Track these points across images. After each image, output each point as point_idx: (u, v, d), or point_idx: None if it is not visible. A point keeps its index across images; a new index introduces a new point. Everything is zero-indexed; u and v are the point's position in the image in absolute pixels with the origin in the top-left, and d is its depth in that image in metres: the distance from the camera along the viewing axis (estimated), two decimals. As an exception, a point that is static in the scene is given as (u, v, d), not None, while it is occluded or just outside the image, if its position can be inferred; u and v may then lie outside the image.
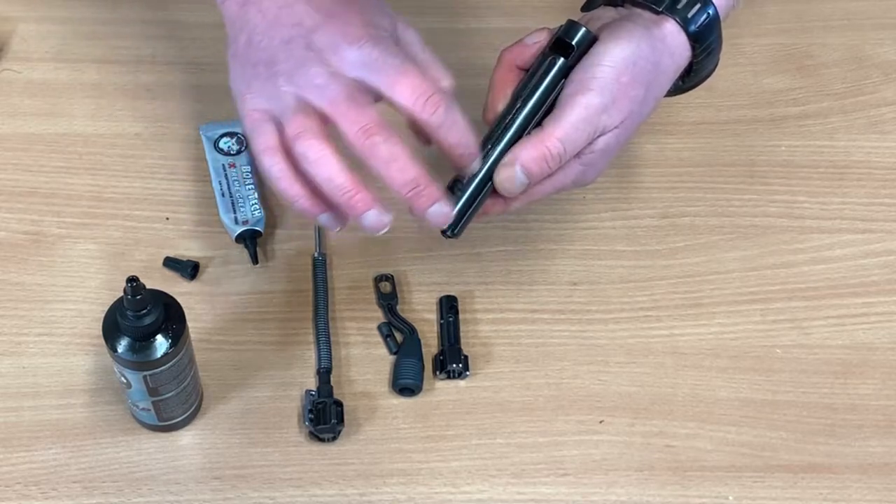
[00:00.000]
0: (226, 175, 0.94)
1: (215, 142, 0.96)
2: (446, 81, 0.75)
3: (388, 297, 0.89)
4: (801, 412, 0.85)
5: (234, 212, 0.92)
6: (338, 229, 0.73)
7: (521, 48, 0.78)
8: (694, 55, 0.80)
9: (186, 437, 0.83)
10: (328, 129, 0.72)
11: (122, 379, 0.77)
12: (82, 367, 0.85)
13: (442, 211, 0.73)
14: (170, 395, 0.78)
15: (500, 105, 0.78)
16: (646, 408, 0.85)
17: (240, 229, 0.91)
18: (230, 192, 0.93)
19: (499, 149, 0.76)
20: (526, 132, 0.76)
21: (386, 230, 0.72)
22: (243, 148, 0.95)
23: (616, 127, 0.77)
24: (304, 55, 0.71)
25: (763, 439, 0.84)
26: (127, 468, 0.81)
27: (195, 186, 0.94)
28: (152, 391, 0.77)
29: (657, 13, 0.78)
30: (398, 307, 0.88)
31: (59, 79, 1.00)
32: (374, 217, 0.71)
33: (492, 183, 0.76)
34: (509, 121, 0.76)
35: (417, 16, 1.05)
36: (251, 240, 0.90)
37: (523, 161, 0.75)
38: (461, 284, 0.90)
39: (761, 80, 1.03)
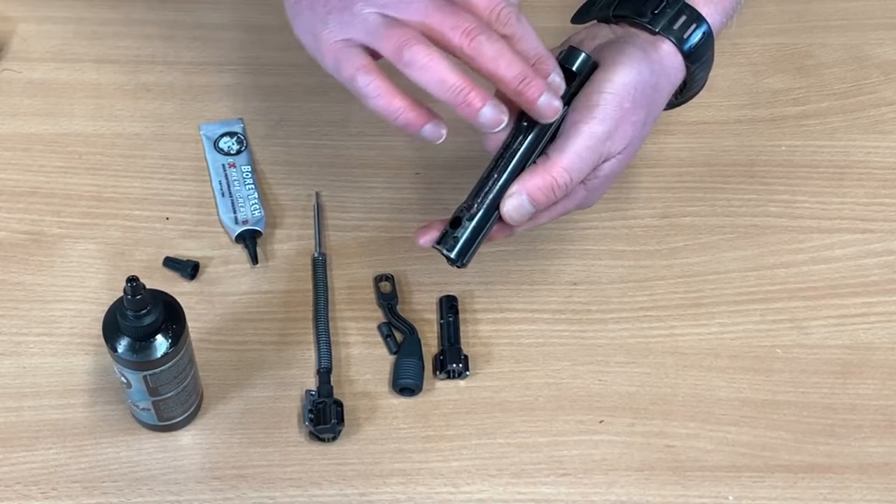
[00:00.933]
0: (226, 175, 0.94)
1: (215, 142, 0.96)
2: None
3: (388, 297, 0.89)
4: (801, 412, 0.85)
5: (234, 212, 0.92)
6: (440, 140, 0.71)
7: None
8: (688, 73, 0.80)
9: (186, 437, 0.83)
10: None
11: (122, 379, 0.77)
12: (82, 367, 0.85)
13: (551, 102, 0.72)
14: (170, 395, 0.78)
15: (501, 135, 0.77)
16: (646, 408, 0.85)
17: (240, 229, 0.91)
18: (230, 192, 0.93)
19: (504, 178, 0.76)
20: (530, 160, 0.76)
21: (501, 128, 0.71)
22: (243, 148, 0.96)
23: (619, 152, 0.77)
24: None
25: (763, 439, 0.84)
26: (127, 468, 0.81)
27: (195, 186, 0.94)
28: (152, 391, 0.77)
29: (653, 34, 0.79)
30: (398, 307, 0.88)
31: (59, 79, 1.00)
32: (491, 111, 0.70)
33: (498, 212, 0.76)
34: (514, 149, 0.76)
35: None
36: (251, 240, 0.90)
37: (530, 191, 0.75)
38: (461, 284, 0.90)
39: (761, 80, 1.03)
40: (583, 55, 0.76)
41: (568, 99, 0.76)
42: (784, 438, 0.84)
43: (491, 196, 0.75)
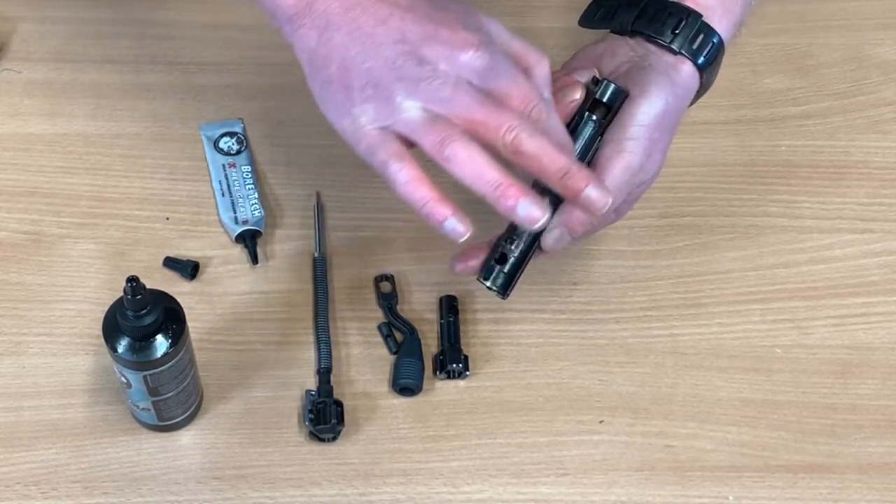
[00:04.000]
0: (226, 175, 0.94)
1: (215, 142, 0.96)
2: (543, 63, 0.75)
3: (388, 297, 0.89)
4: (801, 412, 0.85)
5: (234, 212, 0.92)
6: (462, 239, 0.71)
7: (558, 109, 0.77)
8: (701, 84, 0.81)
9: (186, 437, 0.83)
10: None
11: (122, 379, 0.77)
12: (82, 367, 0.85)
13: (595, 193, 0.72)
14: (170, 395, 0.78)
15: None
16: (646, 408, 0.85)
17: (240, 229, 0.91)
18: (230, 192, 0.93)
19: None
20: None
21: (540, 223, 0.71)
22: (243, 148, 0.96)
23: (651, 178, 0.80)
24: (417, 70, 0.70)
25: (763, 439, 0.84)
26: (127, 468, 0.81)
27: (195, 186, 0.94)
28: (152, 391, 0.77)
29: (675, 54, 0.79)
30: (398, 307, 0.88)
31: (59, 79, 1.00)
32: (527, 207, 0.71)
33: (538, 242, 0.78)
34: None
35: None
36: (251, 240, 0.90)
37: (570, 225, 0.77)
38: (461, 284, 0.90)
39: (761, 80, 1.03)
40: (613, 86, 0.77)
41: (602, 130, 0.77)
42: (784, 438, 0.84)
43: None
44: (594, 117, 0.77)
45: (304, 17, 0.72)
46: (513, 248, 0.78)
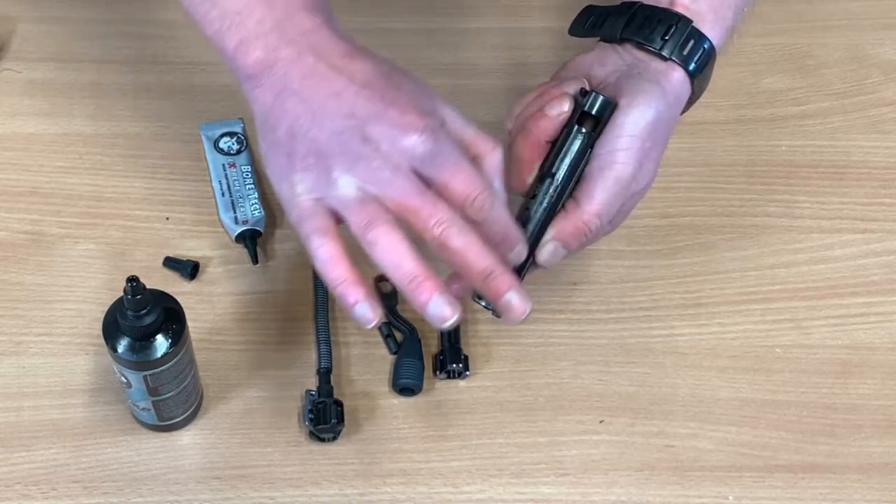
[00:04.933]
0: (226, 175, 0.94)
1: (215, 142, 0.96)
2: (496, 153, 0.74)
3: (388, 297, 0.89)
4: (801, 412, 0.85)
5: (234, 211, 0.92)
6: (370, 325, 0.71)
7: (546, 121, 0.78)
8: (692, 91, 0.81)
9: (186, 437, 0.83)
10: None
11: (122, 379, 0.77)
12: (82, 367, 0.85)
13: (516, 299, 0.73)
14: (170, 395, 0.78)
15: (528, 177, 0.78)
16: (646, 408, 0.85)
17: (240, 229, 0.91)
18: (230, 192, 0.93)
19: (537, 229, 0.78)
20: (560, 206, 0.78)
21: (450, 324, 0.71)
22: (243, 148, 0.96)
23: (644, 188, 0.79)
24: (360, 147, 0.70)
25: (763, 439, 0.84)
26: (127, 468, 0.81)
27: (195, 186, 0.94)
28: (152, 391, 0.77)
29: (664, 60, 0.79)
30: (398, 307, 0.88)
31: (59, 79, 1.00)
32: (439, 305, 0.70)
33: (533, 257, 0.78)
34: (540, 200, 0.77)
35: (417, 16, 1.05)
36: (251, 239, 0.90)
37: (563, 238, 0.77)
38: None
39: (761, 80, 1.03)
40: (602, 98, 0.77)
41: (591, 142, 0.77)
42: (784, 438, 0.84)
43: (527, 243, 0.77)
44: (583, 130, 0.77)
45: (263, 78, 0.72)
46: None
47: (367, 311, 0.71)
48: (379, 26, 1.03)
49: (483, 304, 0.78)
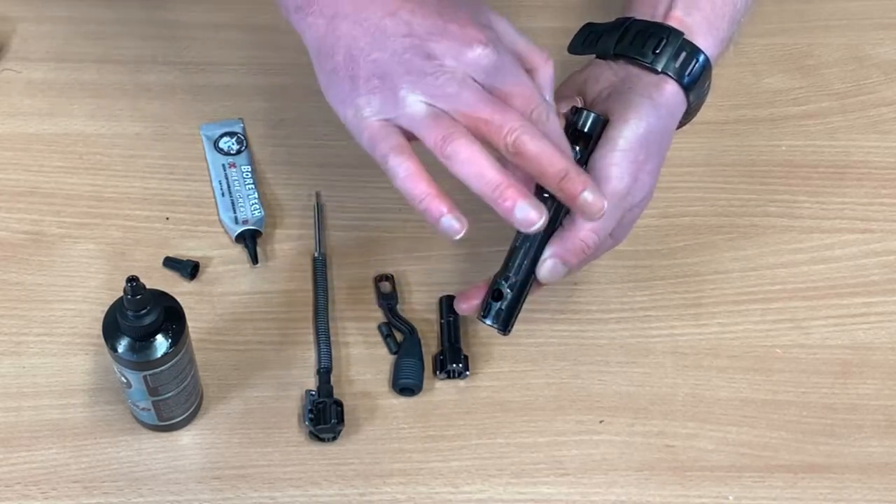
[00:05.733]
0: (226, 175, 0.94)
1: (215, 142, 0.96)
2: (548, 66, 0.75)
3: (388, 297, 0.89)
4: (801, 412, 0.85)
5: (234, 211, 0.92)
6: (457, 236, 0.71)
7: None
8: (689, 104, 0.81)
9: (186, 437, 0.83)
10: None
11: (122, 379, 0.77)
12: (82, 367, 0.85)
13: (593, 198, 0.72)
14: (170, 395, 0.78)
15: None
16: (646, 408, 0.85)
17: (240, 229, 0.91)
18: (230, 192, 0.93)
19: (537, 244, 0.78)
20: (558, 221, 0.78)
21: (535, 228, 0.71)
22: (243, 148, 0.96)
23: (641, 201, 0.79)
24: (424, 64, 0.70)
25: (763, 439, 0.84)
26: (127, 468, 0.81)
27: (195, 186, 0.94)
28: (152, 391, 0.77)
29: (656, 73, 0.79)
30: (398, 307, 0.88)
31: (59, 79, 1.00)
32: (524, 209, 0.70)
33: (535, 276, 0.79)
34: None
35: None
36: (251, 240, 0.90)
37: (563, 256, 0.78)
38: (461, 284, 0.89)
39: (761, 80, 1.03)
40: (593, 116, 0.77)
41: (585, 158, 0.77)
42: (784, 438, 0.84)
43: (526, 263, 0.78)
44: (576, 148, 0.77)
45: (313, 6, 0.72)
46: (507, 284, 0.79)
47: (454, 223, 0.71)
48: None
49: (488, 322, 0.79)
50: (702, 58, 0.80)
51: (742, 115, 1.01)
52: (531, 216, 0.70)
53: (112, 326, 0.74)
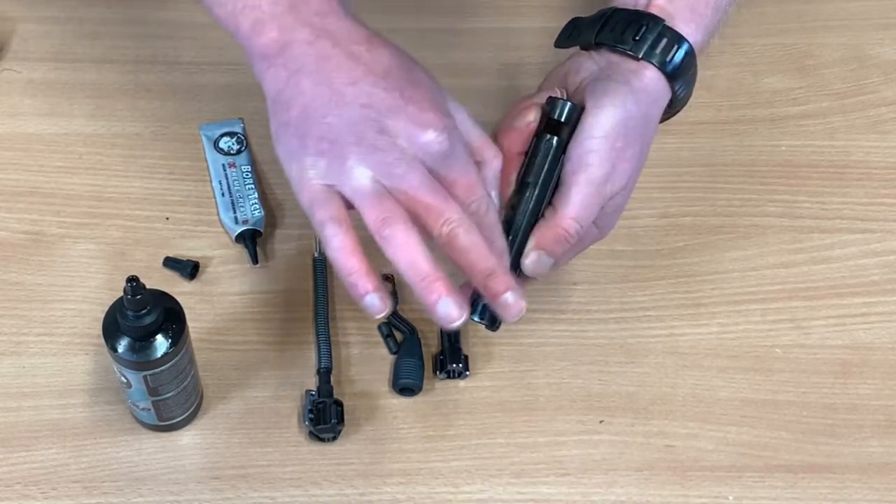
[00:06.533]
0: (226, 175, 0.94)
1: (215, 142, 0.96)
2: (497, 161, 0.76)
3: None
4: (801, 412, 0.85)
5: (234, 211, 0.92)
6: (379, 316, 0.72)
7: (516, 133, 0.78)
8: (672, 93, 0.80)
9: (186, 437, 0.83)
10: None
11: (122, 379, 0.77)
12: (82, 367, 0.85)
13: (513, 301, 0.73)
14: (170, 395, 0.78)
15: (508, 190, 0.78)
16: (646, 408, 0.85)
17: (240, 229, 0.91)
18: (230, 192, 0.93)
19: (519, 238, 0.77)
20: (540, 214, 0.77)
21: (457, 325, 0.71)
22: (243, 148, 0.96)
23: (622, 189, 0.78)
24: (376, 138, 0.70)
25: (763, 439, 0.84)
26: (127, 468, 0.81)
27: (195, 186, 0.94)
28: (152, 391, 0.77)
29: (636, 60, 0.78)
30: (398, 307, 0.88)
31: (59, 79, 1.00)
32: (447, 305, 0.70)
33: (520, 270, 0.78)
34: (522, 209, 0.77)
35: (417, 16, 1.05)
36: (251, 239, 0.90)
37: (545, 246, 0.77)
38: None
39: (761, 80, 1.03)
40: (568, 105, 0.77)
41: (562, 148, 0.77)
42: (784, 438, 0.84)
43: (510, 257, 0.77)
44: (554, 138, 0.76)
45: (278, 58, 0.72)
46: None
47: (377, 302, 0.71)
48: (377, 26, 1.02)
49: (476, 319, 0.78)
50: (684, 45, 0.79)
51: (742, 115, 1.01)
52: (453, 313, 0.71)
53: (112, 326, 0.74)
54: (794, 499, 0.82)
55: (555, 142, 0.77)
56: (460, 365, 0.85)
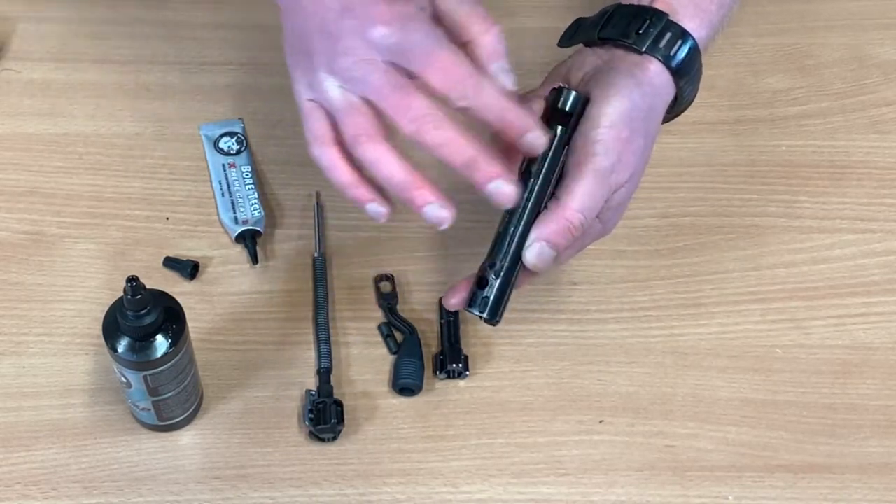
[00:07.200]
0: (226, 175, 0.94)
1: (215, 142, 0.96)
2: (490, 33, 0.72)
3: (388, 297, 0.89)
4: (801, 412, 0.85)
5: (234, 211, 0.92)
6: (382, 219, 0.72)
7: None
8: (676, 89, 0.80)
9: (186, 437, 0.83)
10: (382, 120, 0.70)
11: (122, 379, 0.77)
12: (82, 367, 0.85)
13: (503, 188, 0.71)
14: (170, 395, 0.78)
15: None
16: (646, 408, 0.85)
17: (240, 229, 0.91)
18: (230, 192, 0.93)
19: (521, 228, 0.76)
20: (542, 205, 0.76)
21: (447, 225, 0.71)
22: (243, 148, 0.96)
23: (626, 181, 0.77)
24: (334, 44, 0.69)
25: (763, 439, 0.84)
26: (127, 468, 0.81)
27: (195, 186, 0.94)
28: (152, 391, 0.77)
29: (640, 54, 0.78)
30: (398, 307, 0.88)
31: (59, 79, 1.00)
32: (434, 211, 0.70)
33: (522, 262, 0.77)
34: (525, 198, 0.76)
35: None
36: (251, 240, 0.90)
37: (548, 237, 0.75)
38: (461, 284, 0.90)
39: (761, 80, 1.03)
40: (573, 94, 0.76)
41: (567, 138, 0.76)
42: (784, 438, 0.84)
43: (512, 249, 0.76)
44: (558, 127, 0.76)
45: None
46: (493, 271, 0.76)
47: (378, 208, 0.71)
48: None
49: (474, 312, 0.77)
50: (689, 40, 0.78)
51: (742, 115, 1.01)
52: (440, 215, 0.70)
53: (112, 326, 0.74)
54: (793, 499, 0.82)
55: (559, 131, 0.76)
56: (460, 365, 0.85)
